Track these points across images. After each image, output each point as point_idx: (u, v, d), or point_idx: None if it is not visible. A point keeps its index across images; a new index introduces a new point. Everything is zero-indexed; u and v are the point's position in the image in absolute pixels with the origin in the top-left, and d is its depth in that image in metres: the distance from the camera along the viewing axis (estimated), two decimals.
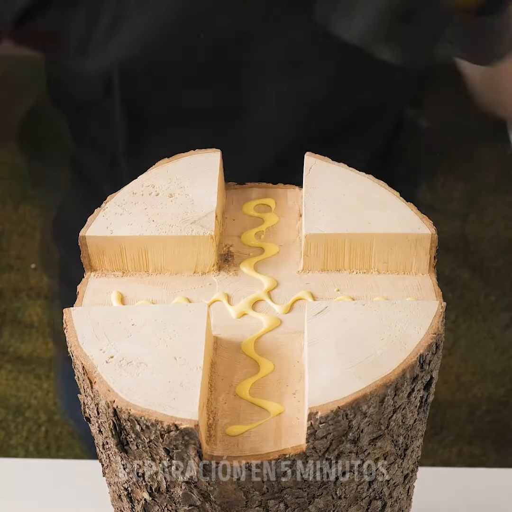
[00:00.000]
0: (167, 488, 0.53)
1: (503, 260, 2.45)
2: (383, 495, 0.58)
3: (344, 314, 0.54)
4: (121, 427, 0.51)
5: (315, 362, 0.51)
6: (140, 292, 0.59)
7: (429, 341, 0.52)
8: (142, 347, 0.52)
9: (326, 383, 0.50)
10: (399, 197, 0.61)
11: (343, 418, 0.49)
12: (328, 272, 0.60)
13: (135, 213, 0.60)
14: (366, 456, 0.53)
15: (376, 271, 0.59)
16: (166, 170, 0.63)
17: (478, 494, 1.05)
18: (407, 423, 0.55)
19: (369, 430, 0.52)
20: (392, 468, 0.56)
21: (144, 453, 0.52)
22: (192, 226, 0.59)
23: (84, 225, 0.59)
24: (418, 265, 0.59)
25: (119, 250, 0.59)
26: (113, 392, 0.50)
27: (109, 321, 0.54)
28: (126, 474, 0.55)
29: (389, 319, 0.53)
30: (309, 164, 0.63)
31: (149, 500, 0.55)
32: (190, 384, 0.50)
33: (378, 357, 0.51)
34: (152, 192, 0.61)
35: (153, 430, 0.49)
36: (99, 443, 0.57)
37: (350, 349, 0.52)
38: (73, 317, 0.55)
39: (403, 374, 0.51)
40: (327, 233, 0.58)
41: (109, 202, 0.61)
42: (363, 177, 0.62)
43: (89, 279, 0.59)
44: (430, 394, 0.56)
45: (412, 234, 0.57)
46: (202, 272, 0.60)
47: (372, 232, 0.58)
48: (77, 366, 0.53)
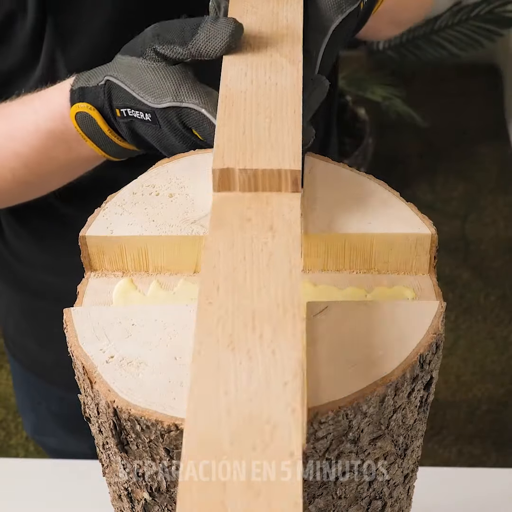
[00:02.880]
0: (167, 488, 0.53)
1: (503, 260, 2.45)
2: (383, 495, 0.58)
3: (344, 314, 0.54)
4: (121, 427, 0.51)
5: (315, 362, 0.51)
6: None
7: (430, 341, 0.52)
8: (142, 347, 0.53)
9: (326, 383, 0.50)
10: (399, 197, 0.61)
11: (343, 418, 0.50)
12: (328, 272, 0.60)
13: (135, 213, 0.60)
14: (366, 456, 0.53)
15: (376, 271, 0.59)
16: (166, 170, 0.63)
17: (478, 494, 1.05)
18: (407, 423, 0.55)
19: (369, 430, 0.52)
20: (392, 468, 0.56)
21: (144, 453, 0.52)
22: (192, 226, 0.59)
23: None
24: (418, 265, 0.59)
25: (119, 250, 0.59)
26: (113, 392, 0.51)
27: (109, 321, 0.54)
28: (126, 474, 0.55)
29: (389, 319, 0.53)
30: (309, 164, 0.63)
31: (149, 500, 0.55)
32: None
33: (378, 357, 0.51)
34: (152, 192, 0.61)
35: (153, 430, 0.50)
36: (99, 443, 0.57)
37: (350, 349, 0.52)
38: (73, 317, 0.55)
39: (403, 374, 0.51)
40: (327, 233, 0.58)
41: (109, 202, 0.61)
42: (363, 177, 0.62)
43: (89, 279, 0.59)
44: (430, 394, 0.56)
45: (413, 234, 0.57)
46: None
47: (372, 232, 0.58)
48: (77, 366, 0.53)
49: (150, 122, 0.67)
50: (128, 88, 0.67)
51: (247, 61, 0.63)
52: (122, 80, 0.67)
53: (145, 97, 0.66)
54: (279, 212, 0.54)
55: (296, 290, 0.49)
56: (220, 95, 0.61)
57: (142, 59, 0.66)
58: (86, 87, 0.70)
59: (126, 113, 0.68)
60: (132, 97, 0.67)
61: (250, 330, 0.47)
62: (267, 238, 0.52)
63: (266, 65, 0.63)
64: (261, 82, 0.61)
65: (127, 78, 0.67)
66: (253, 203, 0.55)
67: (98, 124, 0.70)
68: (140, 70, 0.66)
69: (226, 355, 0.46)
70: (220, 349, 0.46)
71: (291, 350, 0.46)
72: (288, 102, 0.60)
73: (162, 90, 0.65)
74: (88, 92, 0.70)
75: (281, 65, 0.63)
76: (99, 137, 0.72)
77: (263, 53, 0.64)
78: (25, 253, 1.05)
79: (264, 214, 0.54)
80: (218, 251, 0.51)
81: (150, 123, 0.67)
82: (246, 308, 0.48)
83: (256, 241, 0.52)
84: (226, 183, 0.56)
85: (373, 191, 0.61)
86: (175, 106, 0.64)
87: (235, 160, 0.56)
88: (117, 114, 0.69)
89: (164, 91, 0.65)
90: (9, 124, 0.79)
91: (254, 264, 0.50)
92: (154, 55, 0.65)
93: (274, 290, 0.49)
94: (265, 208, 0.55)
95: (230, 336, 0.47)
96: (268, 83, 0.61)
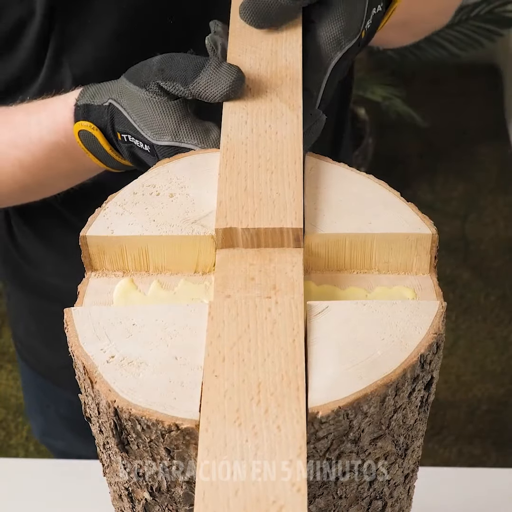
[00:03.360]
0: (168, 488, 0.53)
1: (503, 260, 2.45)
2: (383, 495, 0.58)
3: (344, 314, 0.54)
4: (122, 427, 0.51)
5: (316, 362, 0.51)
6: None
7: (430, 341, 0.52)
8: (143, 347, 0.53)
9: (326, 383, 0.50)
10: (399, 197, 0.61)
11: (344, 418, 0.50)
12: (329, 272, 0.60)
13: (136, 213, 0.60)
14: (367, 456, 0.53)
15: (377, 271, 0.59)
16: (166, 170, 0.63)
17: (478, 494, 1.05)
18: (408, 423, 0.55)
19: (370, 430, 0.52)
20: (392, 468, 0.56)
21: (144, 453, 0.52)
22: (193, 226, 0.59)
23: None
24: (419, 265, 0.59)
25: (119, 250, 0.59)
26: (114, 392, 0.50)
27: (110, 321, 0.54)
28: (127, 474, 0.55)
29: (390, 319, 0.53)
30: (309, 164, 0.63)
31: (149, 500, 0.55)
32: (191, 384, 0.50)
33: (378, 357, 0.51)
34: (153, 192, 0.61)
35: (154, 430, 0.50)
36: (99, 443, 0.57)
37: (351, 349, 0.52)
38: (73, 317, 0.55)
39: (404, 374, 0.51)
40: (328, 233, 0.58)
41: (109, 202, 0.61)
42: (363, 177, 0.62)
43: (90, 278, 0.59)
44: (430, 394, 0.56)
45: (413, 234, 0.57)
46: (203, 272, 0.60)
47: (373, 232, 0.58)
48: (77, 366, 0.53)
49: (149, 153, 0.68)
50: (130, 118, 0.68)
51: (247, 108, 0.64)
52: (125, 108, 0.68)
53: (145, 131, 0.67)
54: (282, 269, 0.55)
55: (300, 361, 0.50)
56: (221, 146, 0.62)
57: (145, 91, 0.67)
58: (90, 105, 0.71)
59: (127, 139, 0.69)
60: (133, 127, 0.68)
61: (255, 404, 0.48)
62: (271, 303, 0.53)
63: (266, 112, 0.64)
64: (261, 130, 0.62)
65: (130, 108, 0.68)
66: (256, 259, 0.56)
67: (100, 143, 0.72)
68: (142, 103, 0.67)
69: (233, 432, 0.47)
70: (227, 426, 0.47)
71: (296, 424, 0.47)
72: (288, 153, 0.61)
73: (161, 128, 0.66)
74: (93, 110, 0.71)
75: (281, 111, 0.64)
76: (101, 154, 0.73)
77: (263, 98, 0.65)
78: (33, 254, 1.06)
79: (267, 272, 0.55)
80: (223, 320, 0.52)
81: (149, 154, 0.68)
82: (252, 380, 0.49)
83: (260, 307, 0.53)
84: (229, 241, 0.57)
85: (374, 191, 0.61)
86: (174, 146, 0.66)
87: (238, 219, 0.57)
88: (118, 137, 0.70)
89: (163, 129, 0.66)
90: (13, 132, 0.80)
91: (258, 332, 0.51)
92: (157, 89, 0.66)
93: (278, 360, 0.50)
94: (268, 265, 0.56)
95: (237, 411, 0.47)
96: (268, 132, 0.62)
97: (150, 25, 0.83)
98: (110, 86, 0.70)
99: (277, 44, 0.69)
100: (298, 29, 0.70)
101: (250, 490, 0.44)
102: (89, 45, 0.82)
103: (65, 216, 0.99)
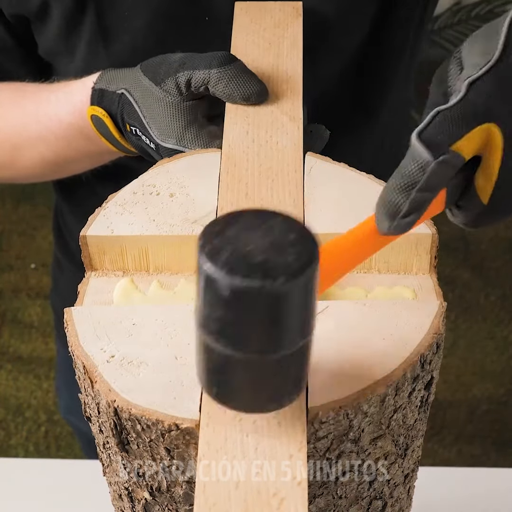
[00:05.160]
0: (168, 487, 0.53)
1: (503, 260, 2.45)
2: (383, 495, 0.58)
3: (344, 314, 0.54)
4: (122, 427, 0.51)
5: (316, 362, 0.51)
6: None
7: (430, 341, 0.52)
8: (143, 346, 0.53)
9: (327, 383, 0.50)
10: None
11: (344, 418, 0.50)
12: None
13: (136, 212, 0.60)
14: (367, 456, 0.53)
15: (377, 271, 0.59)
16: (166, 170, 0.63)
17: (478, 494, 1.05)
18: (408, 422, 0.55)
19: (370, 429, 0.52)
20: (392, 468, 0.56)
21: (144, 453, 0.52)
22: (193, 226, 0.59)
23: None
24: (419, 265, 0.59)
25: (119, 249, 0.59)
26: (114, 391, 0.51)
27: (110, 320, 0.54)
28: (127, 474, 0.55)
29: (390, 319, 0.53)
30: (309, 164, 0.63)
31: (149, 500, 0.55)
32: (191, 384, 0.50)
33: (379, 356, 0.51)
34: (153, 191, 0.61)
35: (154, 430, 0.50)
36: (99, 443, 0.57)
37: (351, 348, 0.52)
38: (74, 317, 0.55)
39: (404, 373, 0.51)
40: (328, 233, 0.58)
41: (109, 201, 0.61)
42: (363, 177, 0.62)
43: (90, 278, 0.59)
44: (430, 394, 0.56)
45: (413, 234, 0.57)
46: None
47: None
48: (78, 365, 0.53)
49: (154, 151, 0.69)
50: (140, 113, 0.68)
51: (249, 118, 0.65)
52: (136, 101, 0.69)
53: (153, 129, 0.68)
54: None
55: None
56: (222, 155, 0.63)
57: (160, 89, 0.67)
58: (105, 90, 0.72)
59: (136, 132, 0.70)
60: (142, 123, 0.68)
61: None
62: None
63: (268, 124, 0.65)
64: (262, 141, 0.63)
65: (141, 102, 0.68)
66: None
67: (110, 130, 0.72)
68: (154, 100, 0.67)
69: (233, 427, 0.47)
70: (228, 421, 0.47)
71: (296, 420, 0.47)
72: (289, 162, 0.61)
73: (168, 130, 0.67)
74: (106, 95, 0.71)
75: (281, 123, 0.65)
76: (112, 139, 0.74)
77: (264, 110, 0.66)
78: (76, 230, 1.07)
79: None
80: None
81: (154, 151, 0.69)
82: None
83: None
84: None
85: (374, 191, 0.61)
86: (178, 150, 0.67)
87: None
88: (127, 129, 0.71)
89: (170, 132, 0.67)
90: (37, 107, 0.81)
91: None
92: (172, 88, 0.67)
93: None
94: None
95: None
96: (269, 142, 0.63)
97: (185, 19, 0.83)
98: (125, 74, 0.71)
99: (278, 59, 0.71)
100: (298, 43, 0.72)
101: (251, 483, 0.45)
102: (126, 36, 0.82)
103: (96, 191, 1.00)
